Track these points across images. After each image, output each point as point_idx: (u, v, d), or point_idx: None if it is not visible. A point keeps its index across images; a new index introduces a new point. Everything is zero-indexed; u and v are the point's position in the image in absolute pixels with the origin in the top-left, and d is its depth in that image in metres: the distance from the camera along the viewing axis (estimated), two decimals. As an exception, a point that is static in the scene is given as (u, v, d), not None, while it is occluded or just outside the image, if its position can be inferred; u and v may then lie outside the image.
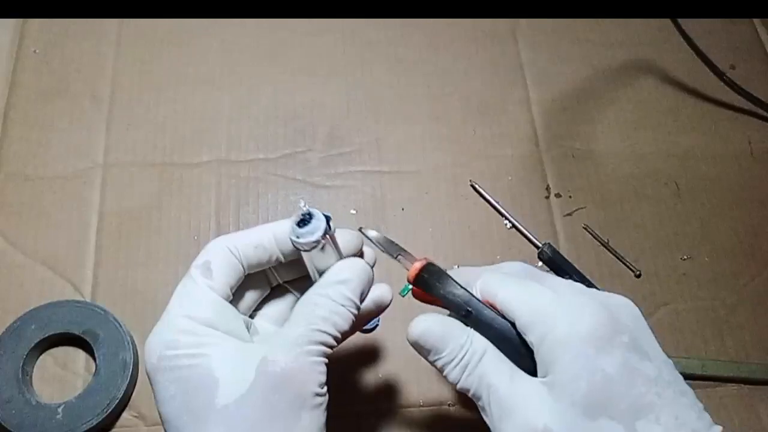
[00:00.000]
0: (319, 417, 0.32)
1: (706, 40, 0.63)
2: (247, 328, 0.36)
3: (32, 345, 0.49)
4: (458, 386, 0.34)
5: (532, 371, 0.33)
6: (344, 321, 0.34)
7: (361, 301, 0.36)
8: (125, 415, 0.49)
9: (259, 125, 0.61)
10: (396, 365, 0.51)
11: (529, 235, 0.57)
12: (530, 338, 0.33)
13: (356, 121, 0.62)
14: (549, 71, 0.65)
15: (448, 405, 0.50)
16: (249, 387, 0.31)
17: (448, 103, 0.63)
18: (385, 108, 0.63)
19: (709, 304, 0.56)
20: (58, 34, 0.64)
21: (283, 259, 0.36)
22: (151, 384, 0.33)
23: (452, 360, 0.33)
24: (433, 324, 0.34)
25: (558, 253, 0.42)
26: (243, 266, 0.35)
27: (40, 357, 0.51)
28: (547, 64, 0.66)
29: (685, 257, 0.58)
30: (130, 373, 0.48)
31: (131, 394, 0.49)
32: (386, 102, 0.63)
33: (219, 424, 0.30)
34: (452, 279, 0.36)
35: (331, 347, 0.33)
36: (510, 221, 0.58)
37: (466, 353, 0.33)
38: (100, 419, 0.47)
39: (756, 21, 0.70)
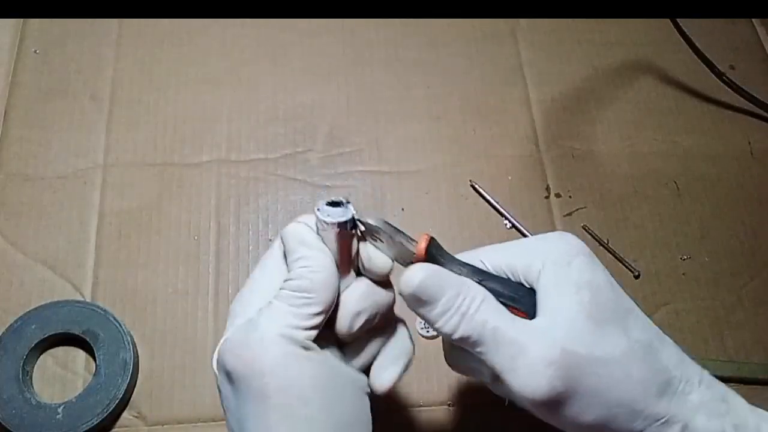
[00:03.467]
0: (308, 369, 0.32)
1: (706, 40, 0.63)
2: None
3: (32, 345, 0.49)
4: (456, 335, 0.33)
5: None
6: (302, 276, 0.33)
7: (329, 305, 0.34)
8: (125, 415, 0.49)
9: (259, 125, 0.61)
10: (396, 365, 0.51)
11: (529, 235, 0.57)
12: (530, 278, 0.34)
13: (356, 121, 0.62)
14: (549, 71, 0.65)
15: (448, 405, 0.50)
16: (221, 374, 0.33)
17: (448, 103, 0.63)
18: (385, 108, 0.63)
19: (709, 304, 0.56)
20: (58, 34, 0.64)
21: None
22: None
23: (449, 308, 0.33)
24: (428, 274, 0.33)
25: None
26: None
27: (40, 357, 0.51)
28: (547, 64, 0.66)
29: (685, 257, 0.58)
30: (130, 373, 0.48)
31: (131, 394, 0.49)
32: (386, 102, 0.63)
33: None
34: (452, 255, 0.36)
35: (310, 327, 0.33)
36: (510, 221, 0.58)
37: (464, 300, 0.33)
38: (100, 419, 0.47)
39: (756, 21, 0.70)
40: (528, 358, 0.31)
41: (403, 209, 0.58)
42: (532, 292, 0.34)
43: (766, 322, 0.55)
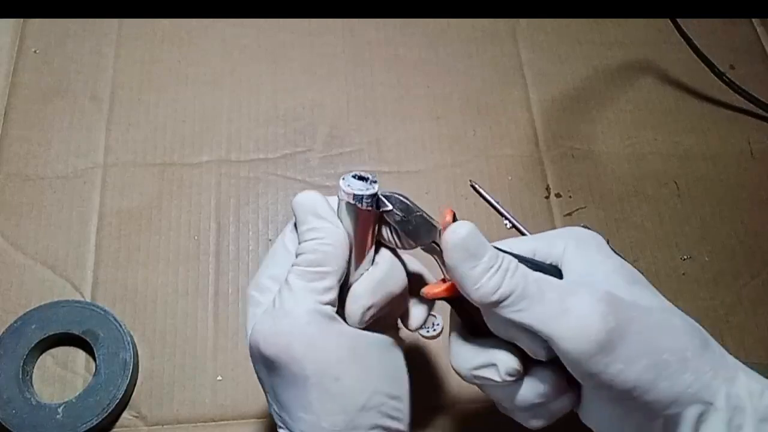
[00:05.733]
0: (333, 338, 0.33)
1: (706, 40, 0.63)
2: None
3: (32, 345, 0.49)
4: (499, 292, 0.31)
5: None
6: (314, 249, 0.33)
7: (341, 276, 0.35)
8: (125, 415, 0.49)
9: (259, 125, 0.61)
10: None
11: (529, 235, 0.57)
12: (554, 253, 0.35)
13: (356, 121, 0.62)
14: (549, 71, 0.65)
15: (448, 405, 0.50)
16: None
17: (448, 103, 0.63)
18: (385, 108, 0.63)
19: (709, 304, 0.56)
20: (58, 34, 0.64)
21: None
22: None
23: (493, 266, 0.32)
24: (473, 229, 0.33)
25: None
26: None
27: (40, 357, 0.51)
28: (547, 64, 0.66)
29: (685, 257, 0.58)
30: (130, 373, 0.48)
31: (131, 394, 0.49)
32: (386, 102, 0.63)
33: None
34: None
35: (329, 301, 0.33)
36: (510, 221, 0.58)
37: (504, 259, 0.32)
38: (100, 419, 0.47)
39: (756, 21, 0.70)
40: (576, 296, 0.31)
41: (403, 209, 0.58)
42: (556, 269, 0.34)
43: (766, 322, 0.55)
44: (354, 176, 0.34)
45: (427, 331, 0.52)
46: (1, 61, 0.62)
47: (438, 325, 0.52)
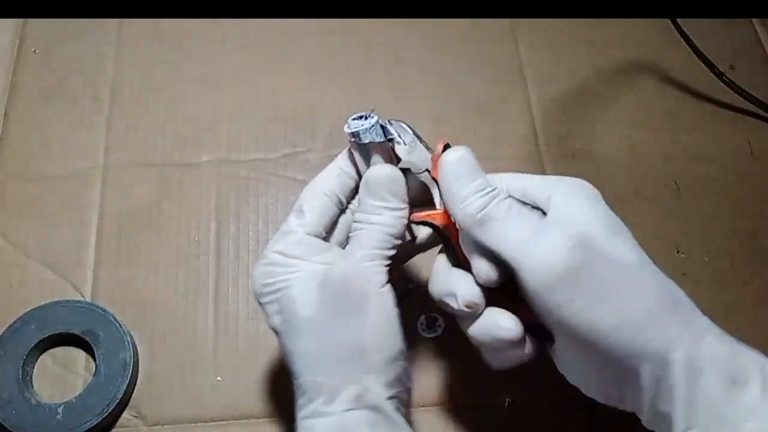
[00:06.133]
0: (386, 311, 0.36)
1: (706, 40, 0.63)
2: None
3: (32, 345, 0.49)
4: (480, 213, 0.35)
5: None
6: (392, 224, 0.37)
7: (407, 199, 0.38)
8: (125, 415, 0.49)
9: (259, 125, 0.61)
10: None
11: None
12: (546, 193, 0.36)
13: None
14: (549, 71, 0.65)
15: (448, 405, 0.50)
16: (320, 297, 0.36)
17: (448, 103, 0.63)
18: (385, 108, 0.62)
19: (709, 304, 0.55)
20: (58, 34, 0.64)
21: (357, 178, 0.40)
22: (259, 305, 0.39)
23: (483, 189, 0.35)
24: (468, 155, 0.37)
25: None
26: (336, 200, 0.40)
27: (40, 357, 0.51)
28: (547, 64, 0.66)
29: (685, 257, 0.58)
30: (130, 373, 0.48)
31: (131, 394, 0.49)
32: (386, 102, 0.63)
33: (304, 330, 0.36)
34: None
35: (390, 248, 0.37)
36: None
37: (494, 188, 0.36)
38: (100, 419, 0.47)
39: (755, 21, 0.70)
40: (549, 230, 0.33)
41: (403, 209, 0.58)
42: (543, 214, 0.36)
43: (766, 322, 0.55)
44: (353, 118, 0.38)
45: (428, 333, 0.52)
46: (1, 61, 0.62)
47: (440, 326, 0.52)
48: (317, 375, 0.35)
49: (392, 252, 0.37)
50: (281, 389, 0.50)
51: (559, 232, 0.33)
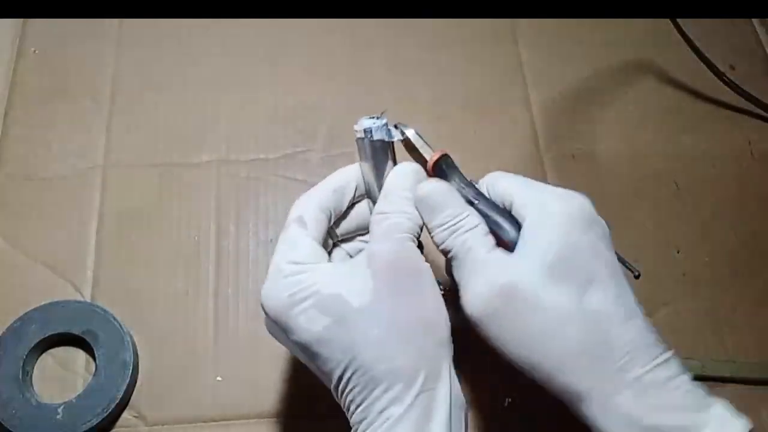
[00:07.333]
0: (435, 285, 0.37)
1: (706, 40, 0.63)
2: None
3: (32, 345, 0.49)
4: (441, 246, 0.38)
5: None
6: (418, 215, 0.38)
7: None
8: (125, 415, 0.49)
9: (259, 125, 0.61)
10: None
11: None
12: (523, 213, 0.37)
13: (356, 121, 0.62)
14: (549, 71, 0.65)
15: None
16: (372, 281, 0.35)
17: (448, 103, 0.63)
18: (385, 108, 0.62)
19: (709, 304, 0.56)
20: (58, 34, 0.64)
21: (352, 197, 0.42)
22: (283, 324, 0.36)
23: (444, 223, 0.37)
24: (439, 188, 0.39)
25: None
26: (329, 214, 0.40)
27: (40, 357, 0.51)
28: (547, 64, 0.66)
29: (686, 257, 0.58)
30: (130, 373, 0.48)
31: (131, 394, 0.49)
32: (386, 102, 0.63)
33: (366, 318, 0.35)
34: (463, 175, 0.41)
35: (417, 236, 0.38)
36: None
37: (459, 221, 0.37)
38: (100, 419, 0.47)
39: (755, 21, 0.70)
40: (480, 277, 0.35)
41: (403, 209, 0.58)
42: (520, 226, 0.37)
43: (766, 322, 0.55)
44: (365, 119, 0.41)
45: None
46: (1, 61, 0.62)
47: None
48: (394, 360, 0.34)
49: (417, 235, 0.38)
50: (281, 389, 0.50)
51: (483, 281, 0.35)
